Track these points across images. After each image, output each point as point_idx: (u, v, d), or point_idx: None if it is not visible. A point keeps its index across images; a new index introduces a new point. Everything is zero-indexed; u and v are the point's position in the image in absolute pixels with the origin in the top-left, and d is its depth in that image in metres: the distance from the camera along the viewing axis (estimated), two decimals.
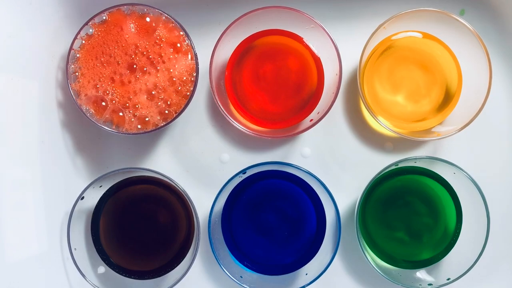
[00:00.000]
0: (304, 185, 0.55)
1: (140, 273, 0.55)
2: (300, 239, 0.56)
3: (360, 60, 0.53)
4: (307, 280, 0.52)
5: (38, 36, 0.54)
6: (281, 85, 0.56)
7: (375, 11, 0.57)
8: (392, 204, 0.56)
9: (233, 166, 0.58)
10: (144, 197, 0.56)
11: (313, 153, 0.58)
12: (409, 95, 0.56)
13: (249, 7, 0.52)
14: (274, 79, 0.56)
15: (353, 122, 0.59)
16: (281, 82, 0.56)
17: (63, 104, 0.56)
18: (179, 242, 0.55)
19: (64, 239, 0.55)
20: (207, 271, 0.58)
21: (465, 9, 0.58)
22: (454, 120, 0.55)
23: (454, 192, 0.56)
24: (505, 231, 0.58)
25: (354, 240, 0.54)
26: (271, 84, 0.56)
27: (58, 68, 0.55)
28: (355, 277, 0.58)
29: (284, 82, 0.56)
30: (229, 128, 0.58)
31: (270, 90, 0.56)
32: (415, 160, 0.54)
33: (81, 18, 0.54)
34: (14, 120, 0.53)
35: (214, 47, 0.52)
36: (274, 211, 0.56)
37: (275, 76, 0.56)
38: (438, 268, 0.56)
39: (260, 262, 0.55)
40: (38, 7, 0.53)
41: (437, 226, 0.56)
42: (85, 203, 0.54)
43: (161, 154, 0.58)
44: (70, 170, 0.57)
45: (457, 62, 0.56)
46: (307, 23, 0.53)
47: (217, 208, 0.54)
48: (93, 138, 0.58)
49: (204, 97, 0.58)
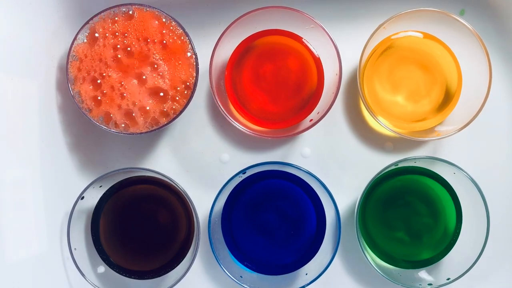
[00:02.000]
0: (304, 185, 0.55)
1: (140, 273, 0.55)
2: (300, 239, 0.56)
3: (360, 60, 0.53)
4: (307, 280, 0.52)
5: (38, 36, 0.54)
6: (281, 85, 0.56)
7: (375, 11, 0.57)
8: (392, 204, 0.56)
9: (233, 166, 0.58)
10: (144, 197, 0.56)
11: (313, 153, 0.58)
12: (409, 95, 0.56)
13: (249, 7, 0.52)
14: (274, 79, 0.56)
15: (353, 122, 0.58)
16: (281, 82, 0.56)
17: (63, 104, 0.56)
18: (179, 242, 0.55)
19: (64, 239, 0.55)
20: (207, 271, 0.58)
21: (465, 9, 0.58)
22: (454, 120, 0.55)
23: (454, 192, 0.56)
24: (505, 231, 0.58)
25: (354, 240, 0.54)
26: (271, 84, 0.56)
27: (58, 68, 0.56)
28: (355, 277, 0.58)
29: (284, 82, 0.56)
30: (229, 128, 0.58)
31: (270, 90, 0.56)
32: (415, 160, 0.54)
33: (81, 18, 0.54)
34: (14, 120, 0.53)
35: (214, 47, 0.52)
36: (274, 211, 0.56)
37: (275, 76, 0.56)
38: (438, 268, 0.56)
39: (260, 262, 0.55)
40: (38, 7, 0.53)
41: (437, 226, 0.56)
42: (85, 203, 0.54)
43: (161, 154, 0.58)
44: (70, 170, 0.57)
45: (457, 62, 0.56)
46: (307, 23, 0.53)
47: (217, 208, 0.54)
48: (93, 138, 0.58)
49: (204, 97, 0.58)
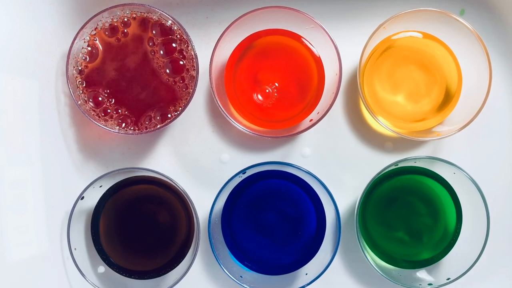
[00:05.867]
0: (304, 185, 0.55)
1: (140, 273, 0.55)
2: (300, 239, 0.56)
3: (360, 60, 0.53)
4: (307, 280, 0.52)
5: (38, 36, 0.54)
6: (281, 85, 0.56)
7: (375, 11, 0.57)
8: (392, 204, 0.56)
9: (233, 166, 0.58)
10: (144, 197, 0.56)
11: (313, 153, 0.58)
12: (409, 95, 0.56)
13: (249, 7, 0.52)
14: (274, 79, 0.56)
15: (353, 122, 0.58)
16: (281, 82, 0.56)
17: (63, 104, 0.56)
18: (179, 242, 0.55)
19: (64, 239, 0.55)
20: (207, 271, 0.58)
21: (465, 9, 0.58)
22: (454, 120, 0.55)
23: (454, 192, 0.56)
24: (505, 231, 0.58)
25: (354, 240, 0.54)
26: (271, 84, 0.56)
27: (58, 68, 0.56)
28: (355, 277, 0.58)
29: (284, 82, 0.56)
30: (229, 128, 0.58)
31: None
32: (415, 160, 0.54)
33: (81, 18, 0.54)
34: (14, 120, 0.53)
35: (214, 47, 0.52)
36: (274, 211, 0.56)
37: (275, 76, 0.56)
38: (438, 268, 0.56)
39: (260, 262, 0.55)
40: (38, 7, 0.53)
41: (437, 226, 0.56)
42: (85, 203, 0.54)
43: (161, 154, 0.58)
44: (70, 170, 0.57)
45: (457, 62, 0.56)
46: (307, 23, 0.53)
47: (217, 208, 0.54)
48: (93, 138, 0.58)
49: (204, 97, 0.58)
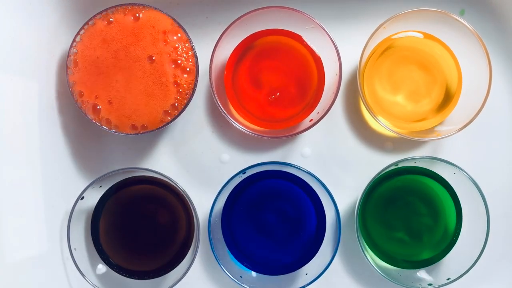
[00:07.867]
0: (304, 185, 0.55)
1: (140, 273, 0.55)
2: (300, 239, 0.56)
3: (360, 60, 0.53)
4: (307, 280, 0.52)
5: (38, 36, 0.54)
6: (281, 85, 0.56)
7: (375, 11, 0.57)
8: (392, 204, 0.56)
9: (233, 166, 0.58)
10: (144, 197, 0.56)
11: (313, 153, 0.58)
12: (409, 95, 0.56)
13: (249, 7, 0.52)
14: (274, 79, 0.56)
15: (353, 122, 0.58)
16: (281, 82, 0.56)
17: (63, 104, 0.56)
18: (179, 242, 0.55)
19: (64, 239, 0.55)
20: (207, 271, 0.58)
21: (465, 9, 0.58)
22: (454, 120, 0.55)
23: (454, 192, 0.56)
24: (505, 231, 0.58)
25: (354, 240, 0.54)
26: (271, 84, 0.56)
27: (58, 68, 0.56)
28: (355, 277, 0.58)
29: (284, 82, 0.56)
30: (229, 128, 0.58)
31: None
32: (415, 160, 0.54)
33: (81, 18, 0.54)
34: (14, 120, 0.53)
35: (214, 47, 0.52)
36: (274, 211, 0.56)
37: (275, 76, 0.56)
38: (438, 268, 0.56)
39: (260, 262, 0.55)
40: (38, 7, 0.53)
41: (437, 226, 0.56)
42: (85, 203, 0.54)
43: (161, 154, 0.58)
44: (70, 170, 0.57)
45: (457, 62, 0.56)
46: (307, 23, 0.53)
47: (217, 208, 0.54)
48: (93, 138, 0.58)
49: (204, 97, 0.58)
